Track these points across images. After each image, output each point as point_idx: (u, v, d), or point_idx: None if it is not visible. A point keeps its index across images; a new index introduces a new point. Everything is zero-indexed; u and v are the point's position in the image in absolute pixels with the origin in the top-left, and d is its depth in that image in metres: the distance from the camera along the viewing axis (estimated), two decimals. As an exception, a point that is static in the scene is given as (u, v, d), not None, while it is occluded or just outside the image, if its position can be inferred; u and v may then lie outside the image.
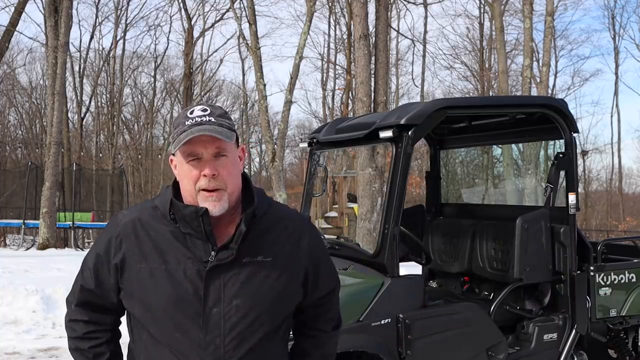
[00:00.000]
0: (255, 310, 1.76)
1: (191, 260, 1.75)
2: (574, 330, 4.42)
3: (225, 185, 1.76)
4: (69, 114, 28.33)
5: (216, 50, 47.29)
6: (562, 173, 4.52)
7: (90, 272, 1.86)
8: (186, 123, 1.76)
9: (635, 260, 4.91)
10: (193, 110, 1.79)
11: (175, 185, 1.86)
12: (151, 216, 1.84)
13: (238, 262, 1.76)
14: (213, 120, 1.76)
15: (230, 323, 1.74)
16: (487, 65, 28.74)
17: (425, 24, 27.89)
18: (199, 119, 1.75)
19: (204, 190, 1.75)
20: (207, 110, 1.78)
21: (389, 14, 20.42)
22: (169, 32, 54.89)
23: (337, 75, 31.19)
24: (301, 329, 2.03)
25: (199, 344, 1.73)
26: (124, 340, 1.92)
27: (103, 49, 30.94)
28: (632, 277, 4.72)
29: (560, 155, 4.48)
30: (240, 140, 1.90)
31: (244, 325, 1.75)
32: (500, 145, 7.87)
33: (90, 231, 19.69)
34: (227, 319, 1.73)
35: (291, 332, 2.00)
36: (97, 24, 30.15)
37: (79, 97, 29.99)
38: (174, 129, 1.80)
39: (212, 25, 29.49)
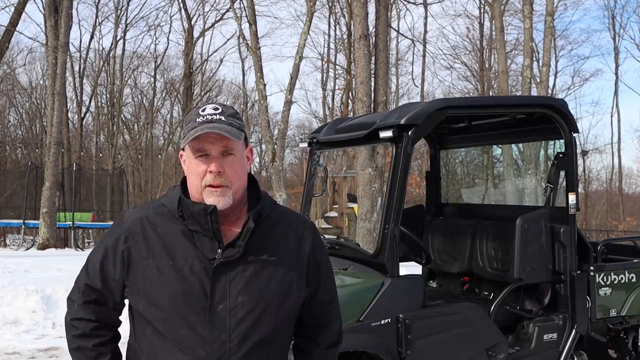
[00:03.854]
0: (260, 306, 1.78)
1: (198, 257, 1.78)
2: (574, 330, 4.42)
3: (230, 183, 1.80)
4: (69, 114, 28.31)
5: (216, 50, 47.06)
6: (562, 173, 4.52)
7: (97, 270, 1.87)
8: (197, 120, 1.80)
9: (635, 260, 4.91)
10: (205, 108, 1.83)
11: (183, 183, 1.89)
12: (158, 214, 1.86)
13: (244, 260, 1.79)
14: (223, 119, 1.80)
15: (235, 319, 1.76)
16: (487, 65, 28.73)
17: (425, 24, 27.93)
18: (210, 117, 1.80)
19: (209, 186, 1.79)
20: (218, 109, 1.83)
21: (389, 14, 20.42)
22: (169, 32, 54.69)
23: (337, 75, 31.20)
24: (297, 342, 2.03)
25: (204, 339, 1.75)
26: (124, 339, 1.91)
27: (103, 49, 30.95)
28: (632, 277, 4.72)
29: (560, 155, 4.48)
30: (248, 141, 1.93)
31: (249, 321, 1.77)
32: (500, 145, 7.86)
33: (90, 231, 19.68)
34: (232, 315, 1.76)
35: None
36: (97, 24, 30.16)
37: (79, 97, 29.98)
38: (185, 124, 1.85)
39: (212, 25, 29.55)
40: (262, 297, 1.79)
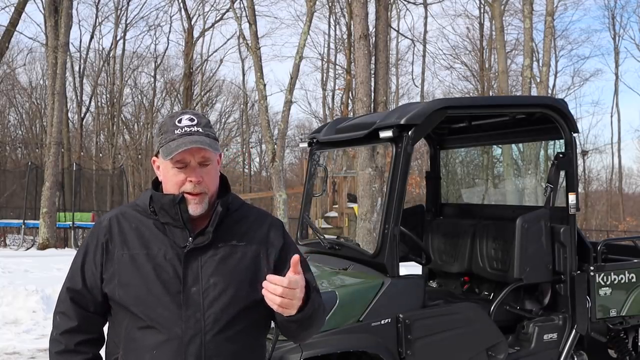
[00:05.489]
0: (232, 286, 1.88)
1: (171, 246, 1.90)
2: (574, 330, 4.42)
3: (208, 190, 1.92)
4: (69, 114, 28.30)
5: (216, 50, 46.85)
6: (562, 173, 4.52)
7: (78, 269, 1.95)
8: (175, 132, 1.89)
9: (635, 260, 4.91)
10: (181, 119, 1.91)
11: (154, 186, 2.00)
12: (133, 211, 1.97)
13: (214, 245, 1.90)
14: (201, 130, 1.90)
15: (209, 299, 1.86)
16: (487, 65, 28.72)
17: (425, 24, 27.93)
18: (188, 129, 1.89)
19: (188, 193, 1.89)
20: (194, 120, 1.92)
21: (389, 14, 20.43)
22: (169, 32, 54.41)
23: (337, 75, 31.19)
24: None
25: (180, 317, 1.84)
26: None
27: (103, 49, 30.92)
28: (632, 277, 4.72)
29: (560, 155, 4.48)
30: (221, 144, 1.97)
31: (222, 300, 1.87)
32: (500, 145, 7.86)
33: (90, 231, 19.66)
34: (205, 295, 1.86)
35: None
36: (97, 24, 30.15)
37: (79, 97, 29.97)
38: (161, 134, 1.92)
39: (212, 25, 29.48)
40: (234, 278, 1.89)
